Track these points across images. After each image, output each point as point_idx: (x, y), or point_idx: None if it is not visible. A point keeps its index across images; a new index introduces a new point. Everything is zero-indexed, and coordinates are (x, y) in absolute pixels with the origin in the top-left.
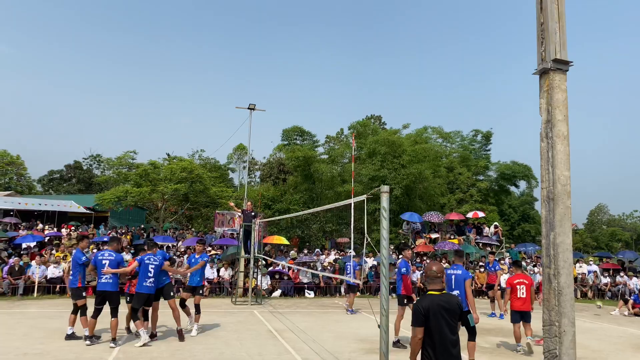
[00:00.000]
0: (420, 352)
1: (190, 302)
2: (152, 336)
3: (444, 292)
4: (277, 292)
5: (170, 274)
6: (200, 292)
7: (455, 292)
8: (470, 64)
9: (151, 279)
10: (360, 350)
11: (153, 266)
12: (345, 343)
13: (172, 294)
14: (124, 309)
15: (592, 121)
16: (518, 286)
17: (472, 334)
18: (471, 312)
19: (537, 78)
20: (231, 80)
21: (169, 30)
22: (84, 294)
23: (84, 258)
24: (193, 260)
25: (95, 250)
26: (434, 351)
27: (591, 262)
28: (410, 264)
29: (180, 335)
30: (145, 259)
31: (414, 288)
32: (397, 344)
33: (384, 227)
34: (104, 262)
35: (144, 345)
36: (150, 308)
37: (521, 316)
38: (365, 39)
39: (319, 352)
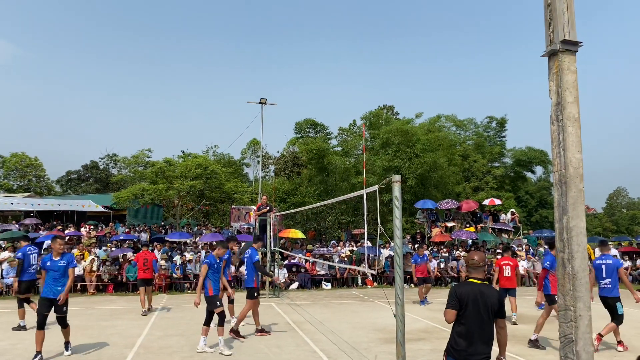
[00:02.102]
0: (448, 338)
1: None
2: (262, 331)
3: (485, 282)
4: (295, 285)
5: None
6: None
7: (607, 281)
8: (482, 49)
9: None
10: (378, 340)
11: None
12: (363, 333)
13: (255, 295)
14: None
15: (608, 103)
16: (504, 267)
17: (615, 318)
18: (620, 299)
19: (547, 60)
20: (242, 75)
21: (178, 28)
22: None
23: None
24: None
25: (114, 249)
26: (459, 337)
27: (611, 246)
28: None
29: (262, 331)
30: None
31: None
32: (535, 342)
33: (396, 217)
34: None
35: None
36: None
37: (507, 292)
38: (376, 29)
39: (337, 342)
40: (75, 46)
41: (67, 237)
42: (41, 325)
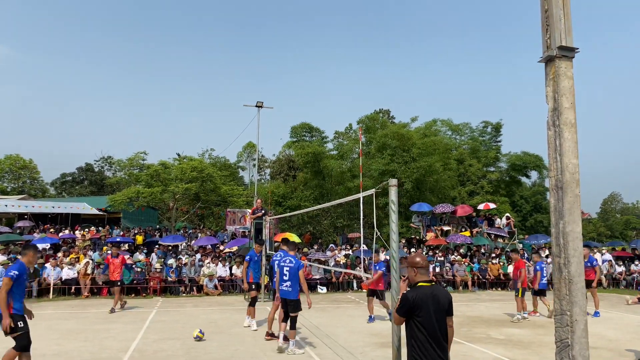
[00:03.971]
0: (407, 345)
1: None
2: (272, 335)
3: (433, 284)
4: None
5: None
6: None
7: None
8: (477, 54)
9: (286, 282)
10: (373, 344)
11: (288, 268)
12: (359, 337)
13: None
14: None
15: (602, 108)
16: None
17: None
18: None
19: (543, 66)
20: (238, 78)
21: (175, 31)
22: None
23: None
24: (256, 258)
25: (109, 252)
26: (422, 344)
27: (604, 251)
28: None
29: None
30: (281, 261)
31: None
32: None
33: (393, 221)
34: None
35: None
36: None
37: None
38: (372, 34)
39: (332, 347)
40: (69, 48)
41: (62, 240)
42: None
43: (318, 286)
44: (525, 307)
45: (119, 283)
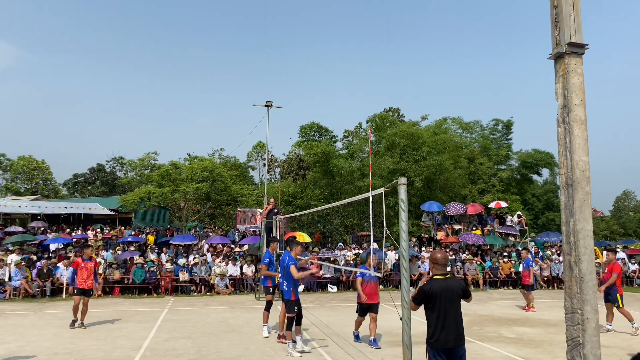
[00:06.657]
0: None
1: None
2: (285, 338)
3: (448, 276)
4: (300, 287)
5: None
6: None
7: None
8: (488, 51)
9: (285, 283)
10: (384, 343)
11: (285, 267)
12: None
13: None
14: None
15: (615, 105)
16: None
17: None
18: None
19: (553, 63)
20: (247, 78)
21: (184, 33)
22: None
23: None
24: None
25: (121, 252)
26: (439, 329)
27: (618, 249)
28: None
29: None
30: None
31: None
32: None
33: (402, 220)
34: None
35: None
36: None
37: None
38: (381, 31)
39: (342, 345)
40: (81, 50)
41: (75, 240)
42: None
43: (329, 285)
44: (629, 316)
45: (91, 293)
